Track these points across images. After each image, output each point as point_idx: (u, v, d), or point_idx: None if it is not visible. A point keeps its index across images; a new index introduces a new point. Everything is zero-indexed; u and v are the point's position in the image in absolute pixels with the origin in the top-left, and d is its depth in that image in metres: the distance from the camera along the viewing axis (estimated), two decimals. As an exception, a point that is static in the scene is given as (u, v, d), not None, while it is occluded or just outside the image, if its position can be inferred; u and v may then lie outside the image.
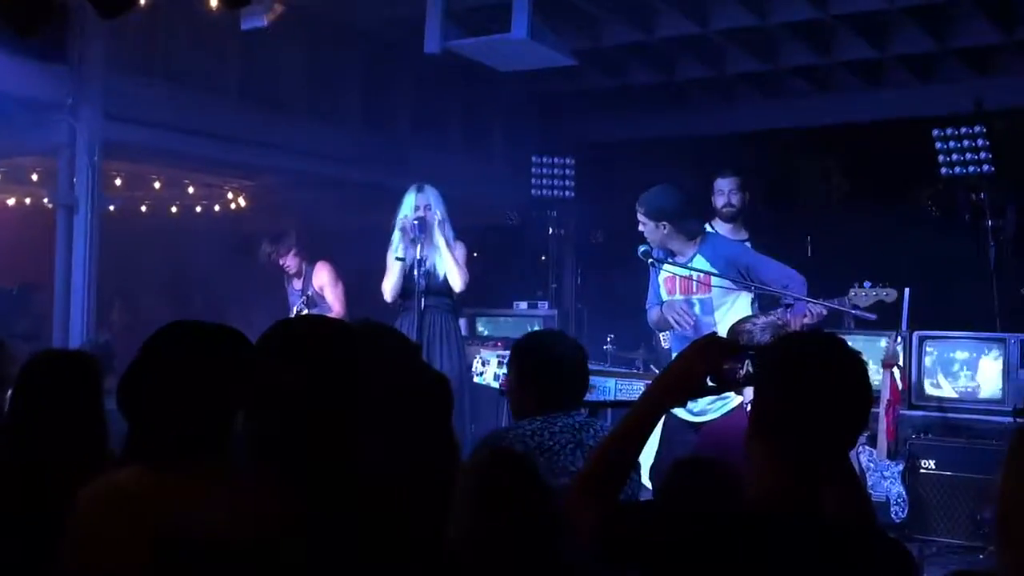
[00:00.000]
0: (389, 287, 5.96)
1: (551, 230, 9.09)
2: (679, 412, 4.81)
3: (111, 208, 6.79)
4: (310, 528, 1.70)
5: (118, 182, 7.87)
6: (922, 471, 6.18)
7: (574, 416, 3.15)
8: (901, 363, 6.16)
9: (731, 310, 4.84)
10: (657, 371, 6.02)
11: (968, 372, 6.43)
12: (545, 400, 3.17)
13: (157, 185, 8.31)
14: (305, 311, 6.97)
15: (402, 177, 6.55)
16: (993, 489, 1.55)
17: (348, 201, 8.36)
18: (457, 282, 5.83)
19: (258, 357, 1.85)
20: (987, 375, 6.36)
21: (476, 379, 5.40)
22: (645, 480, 4.68)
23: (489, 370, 5.28)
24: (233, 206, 8.88)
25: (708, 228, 5.35)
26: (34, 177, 7.65)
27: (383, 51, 7.83)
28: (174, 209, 9.11)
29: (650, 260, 4.94)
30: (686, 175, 6.20)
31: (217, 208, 9.01)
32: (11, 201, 8.56)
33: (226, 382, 1.95)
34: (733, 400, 4.21)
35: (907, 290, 5.86)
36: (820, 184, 9.40)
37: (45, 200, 7.01)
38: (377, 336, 2.04)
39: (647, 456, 4.59)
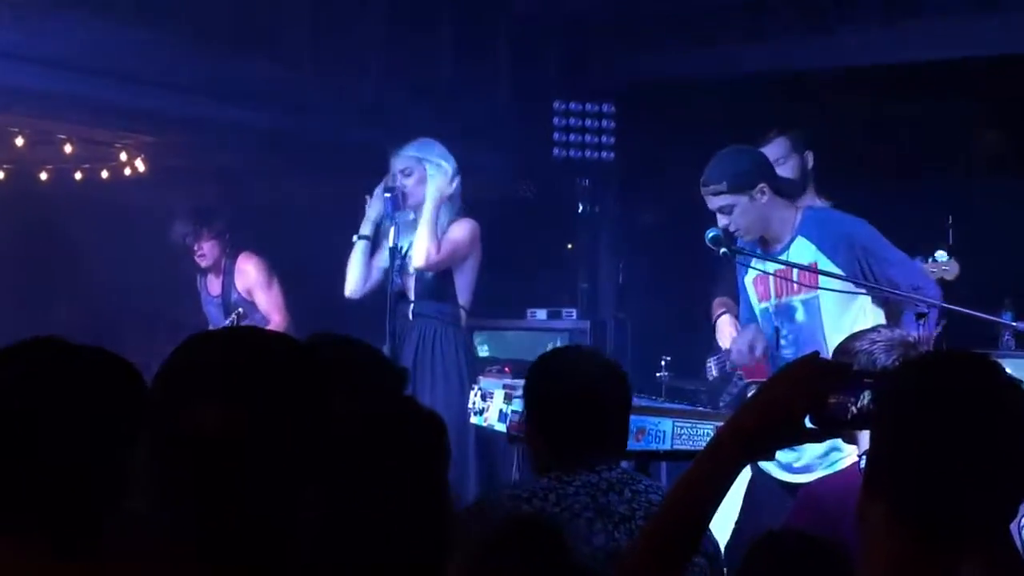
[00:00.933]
0: (349, 278, 6.02)
1: (581, 207, 9.09)
2: (771, 468, 4.80)
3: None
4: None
5: (-37, 138, 7.89)
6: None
7: (603, 472, 3.16)
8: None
9: (850, 314, 4.83)
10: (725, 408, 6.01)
11: None
12: (560, 448, 3.21)
13: (19, 142, 8.30)
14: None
15: (371, 132, 6.56)
16: None
17: (295, 166, 8.36)
18: (419, 255, 5.87)
19: (160, 390, 1.85)
20: None
21: (474, 419, 5.41)
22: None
23: (492, 407, 5.26)
24: (128, 171, 8.87)
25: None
26: None
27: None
28: (43, 176, 9.10)
29: (723, 250, 4.92)
30: (775, 124, 6.20)
31: (105, 174, 9.00)
32: None
33: (104, 428, 1.93)
34: (852, 453, 4.20)
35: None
36: (962, 141, 9.35)
37: None
38: (339, 357, 2.02)
39: (723, 529, 4.58)
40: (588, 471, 3.16)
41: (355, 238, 6.12)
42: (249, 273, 7.28)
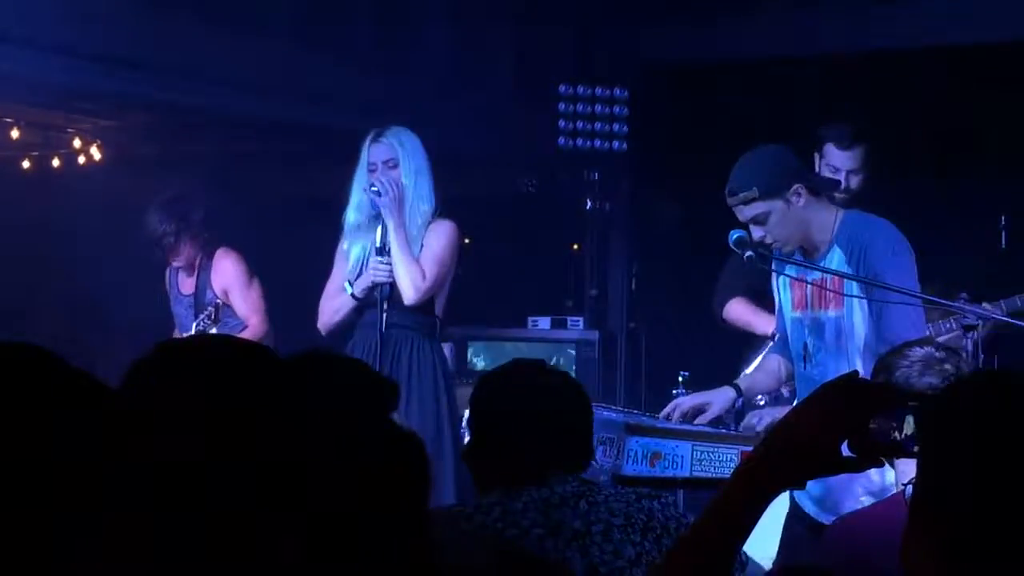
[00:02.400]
0: (326, 312, 6.02)
1: (590, 203, 9.09)
2: (804, 501, 4.78)
3: None
4: None
5: None
6: None
7: (556, 487, 3.19)
8: None
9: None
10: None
11: None
12: (507, 467, 3.27)
13: (-42, 126, 8.32)
14: (213, 332, 6.95)
15: (353, 115, 6.53)
16: None
17: (275, 155, 8.34)
18: (407, 289, 5.86)
19: (118, 407, 1.84)
20: None
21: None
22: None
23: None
24: (82, 159, 8.89)
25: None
26: None
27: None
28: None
29: (748, 254, 4.89)
30: (811, 113, 6.19)
31: (57, 163, 9.02)
32: None
33: (38, 452, 1.90)
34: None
35: None
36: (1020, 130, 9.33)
37: None
38: (327, 377, 2.01)
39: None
40: (539, 485, 3.19)
41: (343, 284, 6.07)
42: (227, 270, 7.22)
